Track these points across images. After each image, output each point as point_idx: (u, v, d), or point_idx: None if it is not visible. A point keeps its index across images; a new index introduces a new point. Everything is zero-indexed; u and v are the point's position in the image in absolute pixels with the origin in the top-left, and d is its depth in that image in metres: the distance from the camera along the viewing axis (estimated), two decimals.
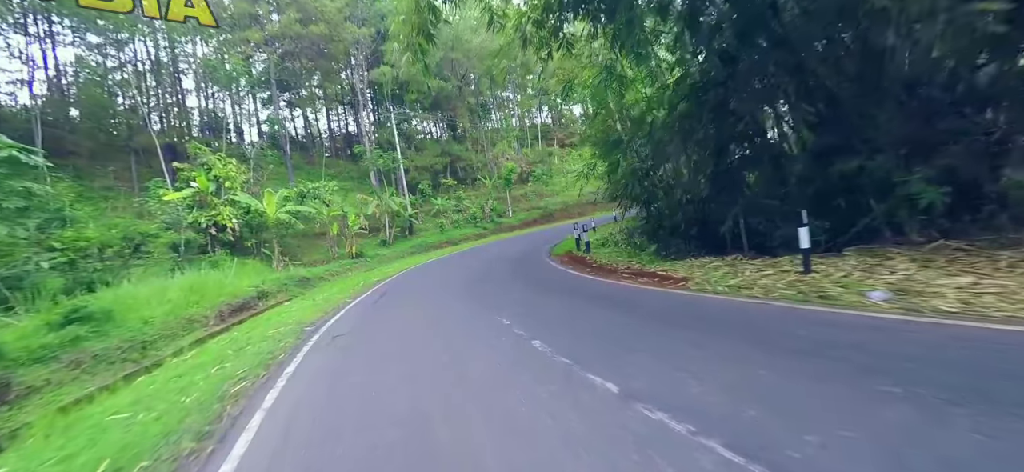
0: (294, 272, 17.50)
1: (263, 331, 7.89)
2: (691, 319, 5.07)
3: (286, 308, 11.44)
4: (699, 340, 4.10)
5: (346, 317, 8.31)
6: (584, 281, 8.99)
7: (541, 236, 25.13)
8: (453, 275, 12.74)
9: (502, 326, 5.55)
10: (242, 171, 21.08)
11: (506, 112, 50.14)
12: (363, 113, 34.33)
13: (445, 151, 40.52)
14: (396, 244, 27.63)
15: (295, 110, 47.07)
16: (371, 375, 4.49)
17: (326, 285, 16.51)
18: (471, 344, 5.12)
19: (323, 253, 23.16)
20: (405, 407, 3.40)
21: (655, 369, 3.42)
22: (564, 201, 42.84)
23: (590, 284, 8.50)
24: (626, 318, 5.45)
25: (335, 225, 22.83)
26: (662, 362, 3.58)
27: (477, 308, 7.24)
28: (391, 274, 16.24)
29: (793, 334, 3.92)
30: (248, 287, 13.48)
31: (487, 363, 4.33)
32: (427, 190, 35.09)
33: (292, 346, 6.42)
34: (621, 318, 5.48)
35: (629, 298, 6.70)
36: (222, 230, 18.40)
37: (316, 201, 22.67)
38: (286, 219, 19.21)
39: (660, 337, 4.44)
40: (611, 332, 4.82)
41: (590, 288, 8.04)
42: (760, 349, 3.58)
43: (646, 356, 3.79)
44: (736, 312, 5.10)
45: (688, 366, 3.33)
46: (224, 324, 10.40)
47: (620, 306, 6.18)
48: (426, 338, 5.69)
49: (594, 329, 5.07)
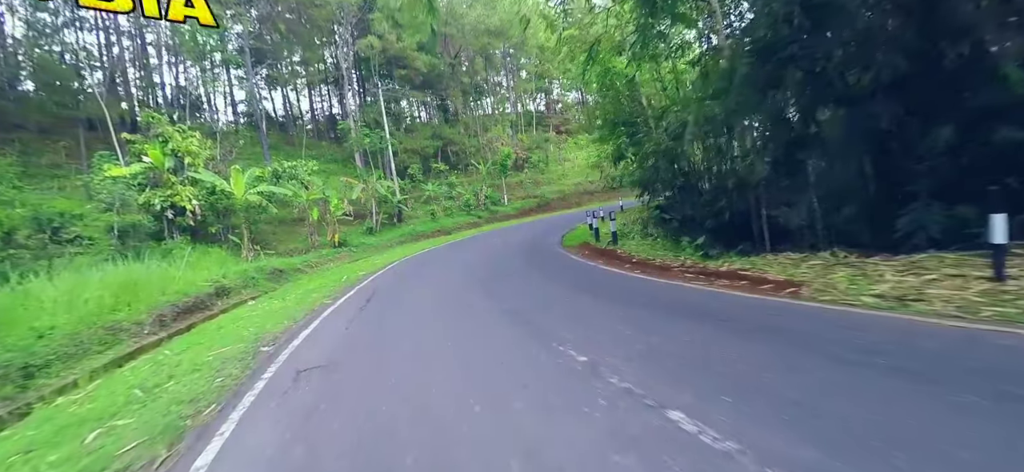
0: (266, 263, 15.01)
1: (203, 350, 5.57)
2: (911, 362, 2.94)
3: (248, 310, 9.07)
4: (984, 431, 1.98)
5: (322, 330, 6.04)
6: (637, 283, 6.86)
7: (542, 226, 22.97)
8: (459, 270, 10.49)
9: (579, 368, 3.37)
10: (207, 146, 18.36)
11: (500, 95, 47.58)
12: (347, 90, 31.46)
13: (436, 134, 37.92)
14: (383, 232, 25.17)
15: (274, 89, 43.84)
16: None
17: (302, 279, 14.09)
18: (547, 416, 2.84)
19: (301, 241, 20.62)
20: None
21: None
22: (560, 190, 40.85)
23: (650, 288, 6.38)
24: (776, 354, 3.30)
25: (315, 210, 20.29)
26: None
27: (518, 328, 5.04)
28: (379, 267, 13.89)
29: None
30: (205, 282, 11.01)
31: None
32: (417, 175, 32.56)
33: (233, 386, 4.13)
34: (767, 353, 3.34)
35: (735, 313, 4.58)
36: (180, 213, 15.76)
37: (293, 182, 20.06)
38: (257, 202, 16.63)
39: (892, 402, 2.30)
40: (781, 386, 2.67)
41: (657, 294, 5.91)
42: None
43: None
44: (962, 347, 3.00)
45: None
46: (163, 333, 8.00)
47: (744, 331, 4.03)
48: (450, 383, 3.47)
49: (745, 376, 2.91)
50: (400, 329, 5.40)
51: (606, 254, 10.92)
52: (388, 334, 5.26)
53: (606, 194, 43.82)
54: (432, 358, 4.20)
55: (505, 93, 48.05)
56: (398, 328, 5.47)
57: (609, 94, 19.65)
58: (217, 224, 17.37)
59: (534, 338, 4.29)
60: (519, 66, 47.38)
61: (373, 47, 28.87)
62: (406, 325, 5.55)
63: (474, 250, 15.20)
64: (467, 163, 39.05)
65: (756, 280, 6.14)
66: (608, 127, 20.57)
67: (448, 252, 15.93)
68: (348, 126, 29.83)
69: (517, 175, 40.28)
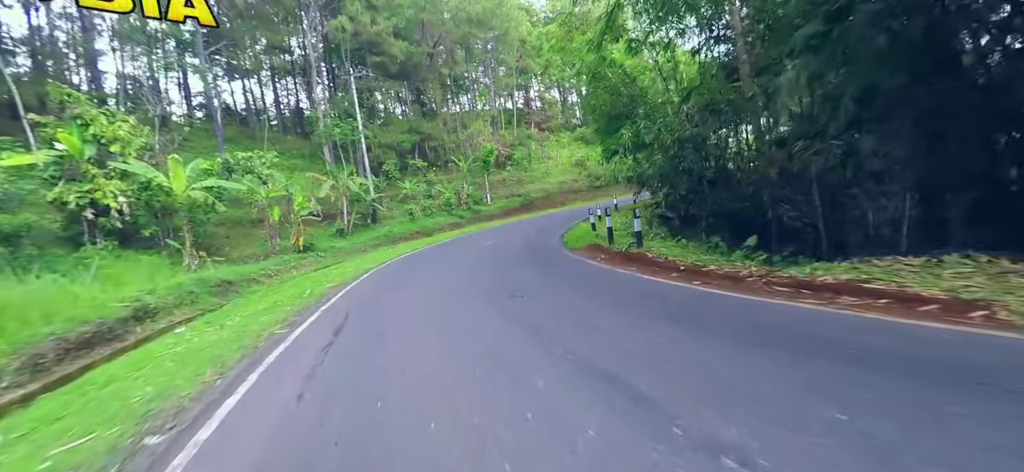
0: (212, 273, 12.38)
1: (44, 443, 3.24)
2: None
3: (168, 345, 6.63)
4: None
5: (260, 395, 3.78)
6: (719, 303, 4.89)
7: (533, 225, 20.97)
8: (457, 281, 8.29)
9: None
10: (144, 134, 15.45)
11: (481, 89, 45.36)
12: (315, 78, 28.53)
13: (413, 128, 35.35)
14: (356, 234, 22.57)
15: (235, 79, 40.14)
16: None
17: (257, 293, 11.56)
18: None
19: (260, 245, 17.87)
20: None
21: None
22: (545, 188, 39.11)
23: (749, 311, 4.41)
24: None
25: (276, 209, 17.58)
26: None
27: (616, 415, 2.95)
28: (352, 277, 11.51)
29: None
30: (120, 302, 8.43)
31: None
32: (393, 171, 29.96)
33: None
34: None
35: (960, 362, 2.64)
36: (104, 212, 12.92)
37: (250, 177, 17.29)
38: (202, 199, 13.90)
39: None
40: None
41: (769, 320, 3.95)
42: None
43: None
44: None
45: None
46: (34, 385, 5.51)
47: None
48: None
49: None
50: (394, 398, 3.22)
51: (634, 259, 8.95)
52: (374, 412, 3.07)
53: (590, 193, 42.46)
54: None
55: (485, 87, 45.85)
56: (390, 394, 3.29)
57: (600, 86, 18.02)
58: (153, 226, 14.52)
59: (666, 440, 2.21)
60: (500, 60, 45.26)
61: (345, 30, 26.12)
62: (404, 391, 3.37)
63: (466, 255, 13.00)
64: (447, 160, 36.68)
65: (904, 299, 4.28)
66: (604, 120, 18.80)
67: (434, 257, 13.66)
68: (316, 115, 26.92)
69: (500, 173, 38.21)
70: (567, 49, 20.26)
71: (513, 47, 43.86)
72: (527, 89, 58.11)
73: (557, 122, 54.66)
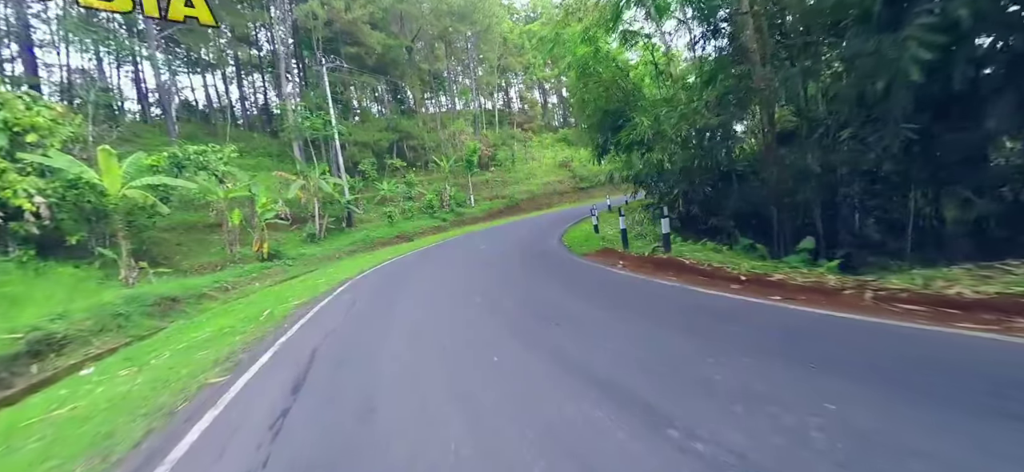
0: (152, 289, 10.30)
1: None
2: None
3: (67, 394, 4.72)
4: None
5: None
6: (823, 325, 3.44)
7: (524, 228, 19.43)
8: (461, 294, 6.61)
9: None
10: (75, 123, 13.14)
11: (462, 87, 43.63)
12: (283, 68, 26.17)
13: (392, 126, 33.29)
14: (330, 239, 20.48)
15: (195, 73, 37.18)
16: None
17: (205, 313, 9.58)
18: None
19: (218, 253, 15.65)
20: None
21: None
22: (529, 190, 37.72)
23: (880, 340, 2.93)
24: None
25: (236, 212, 15.41)
26: None
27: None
28: (324, 290, 9.65)
29: None
30: (8, 333, 6.39)
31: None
32: (371, 171, 27.88)
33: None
34: None
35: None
36: (16, 216, 10.65)
37: (204, 174, 15.08)
38: (141, 200, 11.74)
39: None
40: None
41: (930, 356, 2.47)
42: None
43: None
44: None
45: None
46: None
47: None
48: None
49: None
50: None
51: (664, 265, 7.47)
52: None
53: (576, 194, 41.28)
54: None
55: (467, 85, 44.13)
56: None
57: (590, 80, 16.95)
58: (82, 231, 12.23)
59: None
60: (482, 57, 43.64)
61: (316, 16, 23.95)
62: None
63: (461, 263, 11.30)
64: (427, 160, 34.78)
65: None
66: (598, 116, 17.56)
67: (423, 266, 11.89)
68: (285, 108, 24.61)
69: (483, 174, 36.57)
70: (558, 40, 19.26)
71: (495, 44, 42.35)
72: (507, 90, 56.79)
73: (538, 123, 53.55)
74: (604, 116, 16.81)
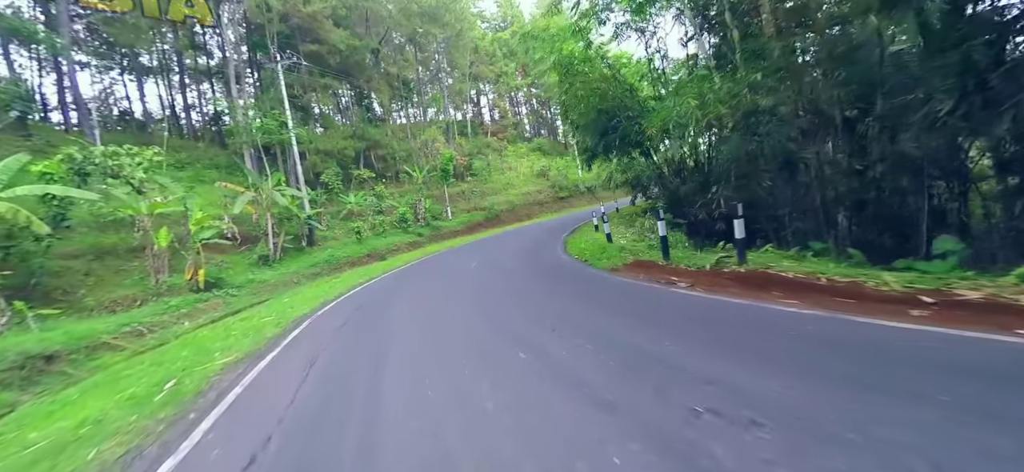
0: (22, 340, 7.26)
1: None
2: None
3: None
4: None
5: None
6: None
7: (514, 239, 17.14)
8: (502, 356, 4.16)
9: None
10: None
11: (434, 93, 41.21)
12: (232, 65, 22.88)
13: (358, 134, 30.35)
14: (286, 261, 17.40)
15: (129, 74, 32.99)
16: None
17: (97, 375, 6.66)
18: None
19: (138, 284, 12.41)
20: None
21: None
22: (509, 200, 35.65)
23: None
24: None
25: (164, 232, 12.28)
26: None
27: None
28: (271, 336, 6.92)
29: None
30: None
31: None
32: (335, 183, 24.88)
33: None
34: None
35: None
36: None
37: (118, 182, 11.90)
38: (13, 218, 8.64)
39: None
40: None
41: None
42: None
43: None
44: None
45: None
46: None
47: None
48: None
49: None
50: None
51: (749, 281, 5.29)
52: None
53: (557, 204, 39.46)
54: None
55: (438, 93, 41.73)
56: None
57: (577, 79, 15.53)
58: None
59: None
60: (453, 63, 41.44)
61: (269, 8, 20.99)
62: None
63: (455, 287, 8.76)
64: (398, 170, 31.99)
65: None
66: (592, 114, 15.78)
67: (405, 289, 9.27)
68: (234, 106, 21.35)
69: (459, 185, 34.14)
70: (542, 37, 17.89)
71: (466, 50, 40.31)
72: (478, 100, 54.92)
73: (512, 132, 51.86)
74: (598, 115, 15.00)
